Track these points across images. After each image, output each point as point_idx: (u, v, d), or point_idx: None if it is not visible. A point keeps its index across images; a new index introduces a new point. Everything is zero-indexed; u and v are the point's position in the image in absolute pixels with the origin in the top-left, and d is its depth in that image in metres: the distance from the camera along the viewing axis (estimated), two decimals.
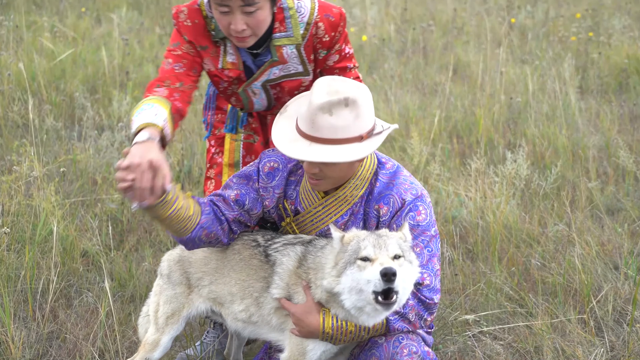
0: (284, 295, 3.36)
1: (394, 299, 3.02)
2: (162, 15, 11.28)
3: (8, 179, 5.38)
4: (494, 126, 7.16)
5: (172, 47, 3.73)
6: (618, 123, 7.49)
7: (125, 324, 4.40)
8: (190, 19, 3.68)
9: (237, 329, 3.59)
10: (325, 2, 3.73)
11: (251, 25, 3.49)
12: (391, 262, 3.04)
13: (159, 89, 3.54)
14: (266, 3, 3.48)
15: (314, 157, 3.17)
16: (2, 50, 8.62)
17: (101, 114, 7.30)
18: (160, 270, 3.78)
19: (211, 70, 3.79)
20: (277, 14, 3.64)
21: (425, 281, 3.26)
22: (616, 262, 5.06)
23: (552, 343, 4.24)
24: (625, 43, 9.88)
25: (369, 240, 3.12)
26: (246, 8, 3.42)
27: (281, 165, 3.52)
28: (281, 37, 3.68)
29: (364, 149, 3.21)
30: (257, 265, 3.48)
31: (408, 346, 3.23)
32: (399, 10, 11.72)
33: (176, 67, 3.66)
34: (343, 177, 3.35)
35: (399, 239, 3.16)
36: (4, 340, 4.10)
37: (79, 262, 4.95)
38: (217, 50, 3.73)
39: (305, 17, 3.67)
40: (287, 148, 3.25)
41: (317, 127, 3.18)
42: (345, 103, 3.16)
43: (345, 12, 3.77)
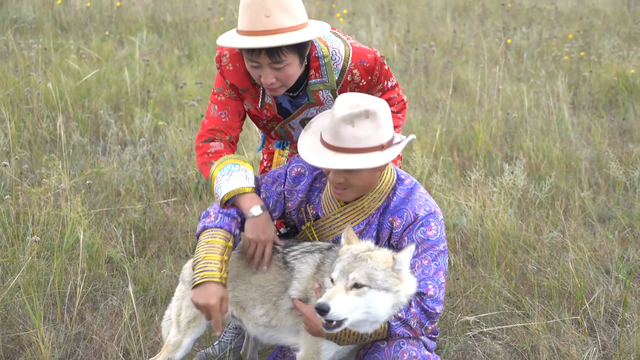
0: (301, 297, 3.38)
1: (333, 324, 3.04)
2: (180, 38, 11.32)
3: (38, 191, 5.40)
4: (492, 140, 7.17)
5: (216, 91, 3.73)
6: (608, 137, 7.49)
7: (148, 325, 4.41)
8: (232, 63, 3.64)
9: (257, 334, 3.61)
10: (360, 48, 3.66)
11: (280, 79, 3.44)
12: (340, 294, 3.04)
13: (215, 144, 3.63)
14: (295, 59, 3.42)
15: (338, 165, 3.20)
16: (32, 71, 8.67)
17: (124, 130, 7.32)
18: (183, 276, 3.78)
19: (251, 110, 3.78)
20: (312, 62, 3.59)
21: (430, 292, 3.26)
22: (607, 266, 5.06)
23: (548, 342, 4.24)
24: (615, 62, 9.88)
25: (342, 264, 3.14)
26: (274, 65, 3.38)
27: (307, 172, 3.56)
28: (317, 83, 3.64)
29: (385, 157, 3.24)
30: (276, 272, 3.51)
31: (408, 351, 3.24)
32: (402, 32, 11.74)
33: (222, 114, 3.69)
34: (366, 186, 3.36)
35: (372, 268, 3.11)
36: (35, 341, 4.11)
37: (104, 268, 4.97)
38: (257, 91, 3.69)
39: (340, 65, 3.61)
40: (313, 159, 3.28)
41: (340, 138, 3.21)
42: (366, 115, 3.20)
43: (380, 54, 3.68)
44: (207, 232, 3.46)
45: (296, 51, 3.41)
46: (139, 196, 5.96)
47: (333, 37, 3.66)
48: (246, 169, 3.52)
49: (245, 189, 3.44)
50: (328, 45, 3.61)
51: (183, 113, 7.68)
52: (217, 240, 3.43)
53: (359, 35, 11.28)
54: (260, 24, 3.31)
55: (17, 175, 5.97)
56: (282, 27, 3.33)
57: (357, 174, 3.27)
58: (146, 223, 5.56)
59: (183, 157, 6.49)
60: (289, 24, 3.34)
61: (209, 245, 3.41)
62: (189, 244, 5.37)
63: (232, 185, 3.44)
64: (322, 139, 3.32)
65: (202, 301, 3.33)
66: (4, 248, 4.93)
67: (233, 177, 3.45)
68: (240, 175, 3.47)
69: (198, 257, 3.41)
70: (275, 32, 3.32)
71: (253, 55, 3.38)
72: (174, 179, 6.25)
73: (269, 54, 3.35)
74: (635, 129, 7.76)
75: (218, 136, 3.67)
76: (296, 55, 3.42)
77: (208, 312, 3.34)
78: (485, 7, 14.27)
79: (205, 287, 3.33)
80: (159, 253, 5.29)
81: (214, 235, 3.44)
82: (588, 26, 12.59)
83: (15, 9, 12.39)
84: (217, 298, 3.32)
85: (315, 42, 3.60)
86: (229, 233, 3.47)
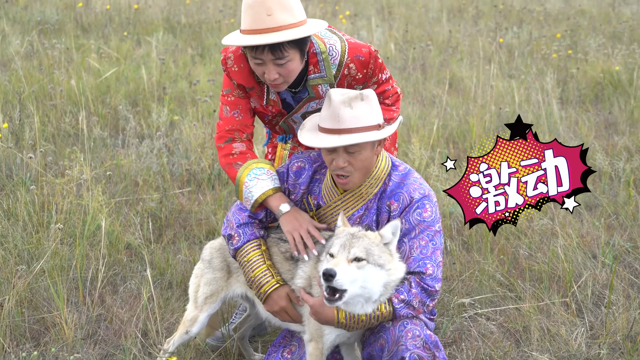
0: (305, 285, 3.39)
1: (336, 296, 3.06)
2: (193, 38, 11.30)
3: (61, 182, 5.40)
4: (485, 133, 7.14)
5: (225, 92, 3.71)
6: (595, 130, 7.46)
7: (164, 307, 4.41)
8: (237, 64, 3.62)
9: (269, 317, 3.61)
10: (355, 43, 3.63)
11: (283, 74, 3.42)
12: (343, 263, 3.06)
13: (237, 145, 3.65)
14: (296, 55, 3.40)
15: (346, 141, 3.22)
16: (56, 70, 8.65)
17: (142, 124, 7.31)
18: (203, 256, 3.80)
19: (257, 107, 3.75)
20: (310, 57, 3.57)
21: (429, 271, 3.26)
22: (594, 251, 5.04)
23: (539, 323, 4.23)
24: (600, 59, 9.84)
25: (340, 240, 3.16)
26: (277, 61, 3.36)
27: (307, 165, 3.58)
28: (316, 77, 3.62)
29: (383, 133, 3.30)
30: (284, 260, 3.53)
31: (412, 330, 3.22)
32: (400, 32, 11.69)
33: (235, 114, 3.68)
34: (367, 168, 3.37)
35: (370, 244, 3.16)
36: (59, 322, 4.11)
37: (123, 254, 4.96)
38: (262, 89, 3.67)
39: (337, 59, 3.59)
40: (321, 142, 3.29)
41: (342, 120, 3.24)
42: (361, 97, 3.27)
43: (374, 49, 3.66)
44: (241, 252, 3.53)
45: (297, 47, 3.39)
46: (155, 186, 5.95)
47: (329, 34, 3.64)
48: (270, 170, 3.54)
49: (271, 191, 3.48)
50: (325, 42, 3.59)
51: (196, 108, 7.67)
52: (253, 254, 3.50)
53: (360, 35, 11.25)
54: (262, 23, 3.29)
55: (42, 166, 5.96)
56: (283, 24, 3.31)
57: (360, 154, 3.29)
58: (162, 211, 5.55)
59: (197, 149, 6.47)
60: (289, 21, 3.32)
61: (250, 263, 3.49)
62: (203, 231, 5.36)
63: (260, 189, 3.47)
64: (321, 129, 3.33)
65: (276, 308, 3.45)
66: (29, 235, 4.93)
67: (260, 181, 3.48)
68: (266, 177, 3.50)
69: (248, 277, 3.50)
70: (277, 29, 3.30)
71: (257, 53, 3.36)
72: (189, 170, 6.23)
73: (271, 50, 3.33)
74: (620, 122, 7.73)
75: (237, 135, 3.67)
76: (297, 51, 3.40)
77: (285, 313, 3.46)
78: (479, 8, 14.22)
79: (271, 297, 3.44)
80: (175, 239, 5.29)
81: (247, 252, 3.51)
82: (575, 26, 12.54)
83: (39, 12, 12.38)
84: (285, 299, 3.44)
85: (313, 39, 3.57)
86: (256, 239, 3.54)
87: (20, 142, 6.46)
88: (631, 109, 8.04)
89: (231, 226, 3.58)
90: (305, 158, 3.60)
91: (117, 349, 4.06)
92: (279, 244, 3.58)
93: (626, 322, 4.19)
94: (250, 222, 3.57)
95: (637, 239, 5.21)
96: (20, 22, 11.69)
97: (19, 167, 6.01)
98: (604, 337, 4.12)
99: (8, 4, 13.00)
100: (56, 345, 4.02)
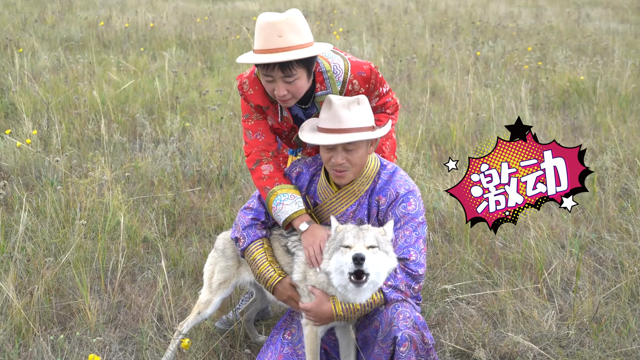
0: (301, 278, 3.40)
1: (363, 279, 3.05)
2: (203, 53, 11.26)
3: (85, 182, 5.38)
4: (464, 136, 7.13)
5: (245, 118, 3.68)
6: (562, 133, 7.45)
7: (178, 294, 4.39)
8: (252, 87, 3.58)
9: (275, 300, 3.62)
10: (357, 61, 3.60)
11: (291, 91, 3.38)
12: (364, 250, 3.06)
13: (265, 167, 3.60)
14: (303, 73, 3.36)
15: (346, 139, 3.24)
16: (79, 82, 8.63)
17: (157, 130, 7.28)
18: (216, 245, 3.79)
19: (274, 125, 3.71)
20: (317, 76, 3.54)
21: (412, 257, 3.26)
22: (563, 242, 5.03)
23: (514, 307, 4.22)
24: (567, 70, 9.84)
25: (352, 232, 3.16)
26: (286, 78, 3.32)
27: (305, 170, 3.61)
28: (322, 94, 3.57)
29: (378, 133, 3.34)
30: (284, 254, 3.53)
31: (403, 312, 3.21)
32: (388, 46, 11.67)
33: (257, 135, 3.65)
34: (361, 165, 3.38)
35: (377, 233, 3.18)
36: (83, 308, 4.09)
37: (140, 247, 4.94)
38: (276, 108, 3.64)
39: (341, 77, 3.55)
40: (323, 140, 3.29)
41: (342, 120, 3.26)
42: (358, 102, 3.30)
43: (375, 65, 3.63)
44: (247, 252, 3.55)
45: (304, 66, 3.36)
46: (169, 186, 5.93)
47: (333, 54, 3.61)
48: (293, 194, 3.51)
49: (295, 214, 3.47)
50: (330, 62, 3.57)
51: (206, 116, 7.65)
52: (257, 253, 3.51)
53: (352, 49, 11.23)
54: (273, 43, 3.26)
55: (67, 169, 5.95)
56: (293, 45, 3.27)
57: (356, 152, 3.30)
58: (175, 208, 5.53)
59: (206, 152, 6.45)
60: (298, 42, 3.29)
61: (255, 261, 3.51)
62: (212, 226, 5.34)
63: (285, 213, 3.47)
64: (322, 129, 3.33)
65: (284, 297, 3.46)
66: (56, 230, 4.91)
67: (285, 206, 3.47)
68: (290, 202, 3.48)
69: (255, 274, 3.53)
70: (287, 49, 3.27)
71: (268, 70, 3.33)
72: (199, 171, 6.21)
73: (281, 68, 3.30)
74: (585, 126, 7.72)
75: (263, 156, 3.63)
76: (304, 70, 3.37)
77: (293, 300, 3.45)
78: (458, 25, 14.21)
79: (277, 288, 3.46)
80: (187, 233, 5.26)
81: (252, 251, 3.52)
82: (544, 40, 12.54)
83: (65, 30, 12.36)
84: (290, 288, 3.44)
85: (319, 60, 3.55)
86: (259, 239, 3.55)
87: (48, 147, 6.44)
88: (594, 114, 8.04)
89: (238, 229, 3.60)
90: (303, 165, 3.63)
91: (135, 332, 4.04)
92: (279, 239, 3.57)
93: (592, 305, 4.17)
94: (253, 223, 3.58)
95: (601, 230, 5.20)
96: (48, 39, 11.67)
97: (47, 169, 5.99)
98: (572, 319, 4.10)
99: (37, 23, 12.97)
100: (80, 329, 4.00)
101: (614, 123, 7.55)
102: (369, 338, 3.32)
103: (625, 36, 13.20)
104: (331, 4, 17.19)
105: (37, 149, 6.23)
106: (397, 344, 3.19)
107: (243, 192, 5.88)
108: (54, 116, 7.13)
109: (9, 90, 8.16)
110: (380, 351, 3.27)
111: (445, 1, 18.42)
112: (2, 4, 15.30)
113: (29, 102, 7.63)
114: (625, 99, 8.46)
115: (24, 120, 6.82)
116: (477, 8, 17.18)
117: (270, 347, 3.60)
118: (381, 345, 3.26)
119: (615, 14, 16.55)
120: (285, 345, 3.57)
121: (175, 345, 3.65)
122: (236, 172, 6.23)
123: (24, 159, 6.13)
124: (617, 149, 6.54)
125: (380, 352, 3.27)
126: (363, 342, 3.38)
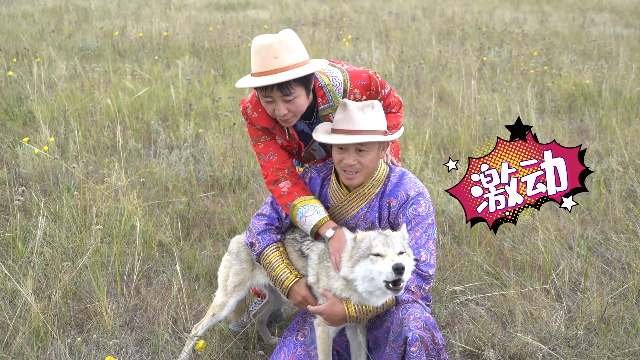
0: (314, 280, 3.39)
1: (401, 285, 3.01)
2: (215, 61, 11.29)
3: (101, 188, 5.39)
4: (472, 140, 7.10)
5: (254, 142, 3.66)
6: (568, 136, 7.41)
7: (192, 297, 4.38)
8: (255, 111, 3.57)
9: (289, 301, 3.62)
10: (354, 70, 3.58)
11: (292, 110, 3.36)
12: (398, 257, 3.03)
13: (283, 185, 3.58)
14: (302, 91, 3.34)
15: (360, 140, 3.25)
16: (95, 90, 8.66)
17: (171, 137, 7.29)
18: (230, 249, 3.78)
19: (283, 143, 3.69)
20: (317, 91, 3.52)
21: (422, 258, 3.27)
22: (570, 243, 5.00)
23: (522, 307, 4.19)
24: (572, 74, 9.79)
25: (379, 240, 3.11)
26: (285, 97, 3.31)
27: (315, 175, 3.62)
28: (325, 108, 3.55)
29: (388, 138, 3.35)
30: (298, 257, 3.52)
31: (414, 313, 3.20)
32: (397, 52, 11.66)
33: (270, 156, 3.63)
34: (371, 168, 3.37)
35: (400, 238, 3.15)
36: (99, 311, 4.09)
37: (155, 250, 4.94)
38: (282, 127, 3.62)
39: (341, 89, 3.53)
40: (337, 139, 3.29)
41: (357, 123, 3.27)
42: (372, 106, 3.32)
43: (372, 71, 3.62)
44: (262, 256, 3.55)
45: (302, 84, 3.34)
46: (183, 191, 5.93)
47: (330, 67, 3.59)
48: (314, 204, 3.48)
49: (320, 223, 3.44)
50: (328, 75, 3.54)
51: (219, 122, 7.65)
52: (272, 256, 3.52)
53: (361, 56, 11.22)
54: (270, 65, 3.25)
55: (84, 175, 5.96)
56: (289, 65, 3.26)
57: (368, 155, 3.32)
58: (190, 213, 5.53)
59: (219, 158, 6.45)
60: (293, 61, 3.27)
61: (271, 264, 3.51)
62: (225, 230, 5.33)
63: (309, 225, 3.45)
64: (336, 130, 3.33)
65: (299, 298, 3.44)
66: (74, 235, 4.91)
67: (307, 218, 3.45)
68: (312, 212, 3.45)
69: (271, 276, 3.52)
70: (284, 69, 3.25)
71: (267, 91, 3.31)
72: (212, 176, 6.21)
73: (280, 88, 3.28)
74: (591, 129, 7.68)
75: (280, 174, 3.60)
76: (302, 88, 3.35)
77: (306, 302, 3.43)
78: (465, 31, 14.18)
79: (293, 289, 3.45)
80: (201, 237, 5.26)
81: (267, 255, 3.53)
82: (550, 45, 12.49)
83: (81, 39, 12.42)
84: (305, 289, 3.43)
85: (317, 75, 3.52)
86: (274, 243, 3.56)
87: (65, 154, 6.46)
88: (600, 117, 7.99)
89: (252, 235, 3.59)
90: (314, 170, 3.64)
91: (151, 334, 4.04)
92: (293, 244, 3.56)
93: (600, 305, 4.14)
94: (267, 228, 3.58)
95: (608, 231, 5.16)
96: (65, 48, 11.73)
97: (64, 175, 6.01)
98: (581, 319, 4.07)
99: (54, 33, 13.04)
100: (97, 331, 4.00)
101: (619, 126, 7.50)
102: (380, 339, 3.31)
103: (629, 40, 13.12)
104: (340, 11, 17.19)
105: (55, 155, 6.25)
106: (408, 344, 3.18)
107: (255, 197, 5.88)
108: (70, 124, 7.15)
109: (27, 98, 8.19)
110: (391, 351, 3.26)
111: (452, 8, 18.39)
112: (20, 15, 15.40)
113: (46, 110, 7.67)
114: (630, 102, 8.41)
115: (41, 128, 6.85)
116: (483, 14, 17.13)
117: (283, 349, 3.59)
118: (392, 346, 3.25)
119: (619, 18, 16.47)
120: (298, 346, 3.56)
121: (190, 347, 3.65)
122: (249, 177, 6.23)
123: (41, 165, 6.15)
124: (622, 151, 6.49)
125: (391, 353, 3.26)
126: (374, 342, 3.37)
